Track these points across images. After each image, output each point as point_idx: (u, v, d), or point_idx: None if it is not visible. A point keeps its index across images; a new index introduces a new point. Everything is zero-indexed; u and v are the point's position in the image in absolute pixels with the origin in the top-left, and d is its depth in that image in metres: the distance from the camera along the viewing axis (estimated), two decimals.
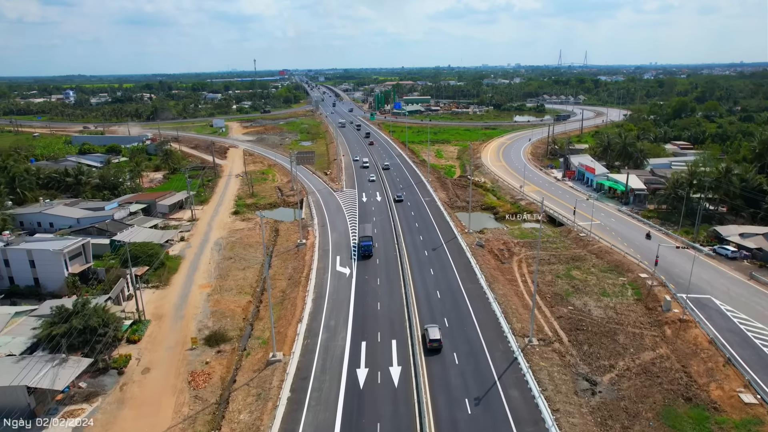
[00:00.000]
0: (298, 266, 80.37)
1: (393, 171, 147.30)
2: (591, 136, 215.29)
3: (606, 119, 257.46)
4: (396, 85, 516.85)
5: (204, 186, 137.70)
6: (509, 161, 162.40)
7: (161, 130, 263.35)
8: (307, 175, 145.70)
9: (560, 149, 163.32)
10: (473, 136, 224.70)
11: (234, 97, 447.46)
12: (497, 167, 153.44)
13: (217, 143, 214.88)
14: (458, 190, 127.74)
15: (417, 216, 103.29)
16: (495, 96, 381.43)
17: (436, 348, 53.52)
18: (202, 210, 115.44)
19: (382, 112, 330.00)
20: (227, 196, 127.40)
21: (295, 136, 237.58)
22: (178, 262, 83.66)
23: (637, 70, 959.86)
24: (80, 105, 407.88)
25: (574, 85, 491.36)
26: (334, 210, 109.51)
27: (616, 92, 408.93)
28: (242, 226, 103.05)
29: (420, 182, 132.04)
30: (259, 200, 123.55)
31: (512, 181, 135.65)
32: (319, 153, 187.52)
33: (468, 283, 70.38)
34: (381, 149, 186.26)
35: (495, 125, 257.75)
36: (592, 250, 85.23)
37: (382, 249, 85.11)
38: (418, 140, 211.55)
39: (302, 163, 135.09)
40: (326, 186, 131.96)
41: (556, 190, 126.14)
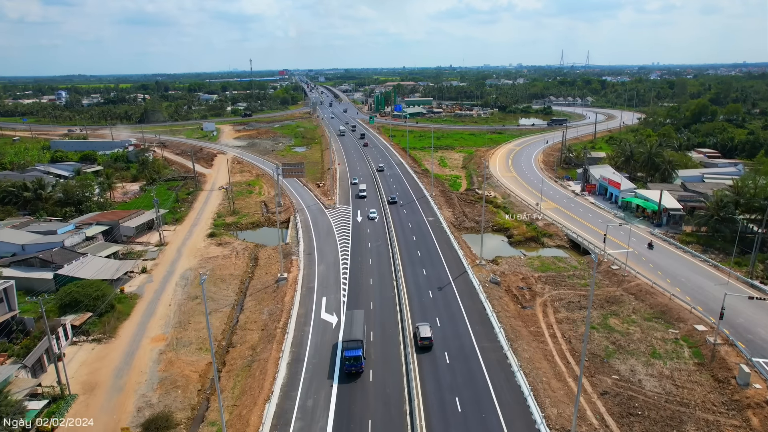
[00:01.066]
0: (275, 311, 66.22)
1: (393, 183, 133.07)
2: (605, 142, 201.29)
3: (620, 123, 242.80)
4: (397, 86, 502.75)
5: (181, 201, 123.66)
6: (521, 171, 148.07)
7: (150, 134, 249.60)
8: (296, 187, 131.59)
9: (577, 158, 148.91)
10: (479, 141, 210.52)
11: (230, 99, 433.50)
12: (508, 179, 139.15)
13: (204, 149, 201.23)
14: (465, 207, 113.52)
15: (420, 241, 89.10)
16: (500, 97, 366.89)
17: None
18: (175, 231, 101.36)
19: (382, 115, 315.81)
20: (206, 214, 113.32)
21: (289, 141, 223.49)
22: (133, 304, 69.57)
23: (641, 71, 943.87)
24: (71, 106, 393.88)
25: (580, 86, 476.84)
26: (324, 233, 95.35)
27: (624, 94, 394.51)
28: (217, 253, 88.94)
29: (422, 197, 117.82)
30: (241, 218, 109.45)
31: (526, 195, 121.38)
32: (313, 160, 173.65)
33: (484, 340, 56.17)
34: (380, 156, 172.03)
35: (501, 129, 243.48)
36: (629, 288, 71.02)
37: (378, 288, 70.96)
38: (419, 146, 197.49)
39: (289, 176, 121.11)
40: (317, 201, 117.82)
41: (576, 207, 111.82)
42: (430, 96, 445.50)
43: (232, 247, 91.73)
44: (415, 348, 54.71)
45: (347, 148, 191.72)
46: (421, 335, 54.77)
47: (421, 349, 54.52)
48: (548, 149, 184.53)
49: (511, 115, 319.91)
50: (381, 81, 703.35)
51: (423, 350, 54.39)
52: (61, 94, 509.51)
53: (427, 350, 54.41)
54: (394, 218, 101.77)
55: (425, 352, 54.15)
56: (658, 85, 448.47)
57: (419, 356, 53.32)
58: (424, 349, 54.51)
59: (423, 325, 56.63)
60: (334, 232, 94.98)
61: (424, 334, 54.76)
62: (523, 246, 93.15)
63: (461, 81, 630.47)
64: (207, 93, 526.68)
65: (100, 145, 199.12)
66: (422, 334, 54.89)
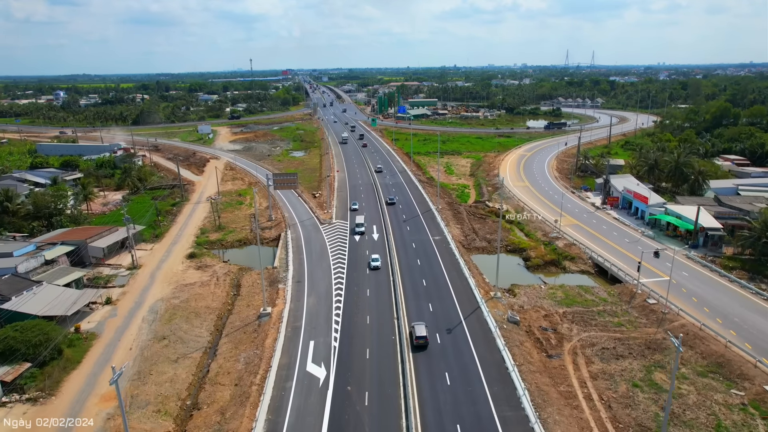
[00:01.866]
0: (253, 359, 55.60)
1: (395, 193, 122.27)
2: (621, 147, 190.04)
3: (636, 126, 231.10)
4: (401, 86, 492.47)
5: (165, 214, 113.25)
6: (533, 180, 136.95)
7: (143, 137, 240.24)
8: (290, 198, 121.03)
9: (596, 166, 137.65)
10: (486, 145, 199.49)
11: (230, 99, 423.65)
12: (520, 189, 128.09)
13: (197, 154, 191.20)
14: (475, 223, 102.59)
15: (425, 266, 78.31)
16: (507, 99, 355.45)
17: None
18: (152, 251, 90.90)
19: (385, 116, 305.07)
20: (189, 229, 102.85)
21: (287, 145, 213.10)
22: (87, 347, 59.13)
23: (648, 71, 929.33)
24: (67, 107, 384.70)
25: (588, 86, 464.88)
26: (317, 254, 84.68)
27: (635, 95, 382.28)
28: (195, 279, 78.39)
29: (428, 211, 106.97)
30: (227, 235, 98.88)
31: (541, 209, 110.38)
32: (311, 166, 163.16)
33: (505, 407, 45.36)
34: (382, 163, 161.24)
35: (510, 132, 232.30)
36: (672, 330, 60.01)
37: (376, 329, 60.28)
38: (424, 151, 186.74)
39: (282, 187, 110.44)
40: (312, 215, 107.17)
41: (599, 223, 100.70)
42: (434, 97, 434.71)
43: (213, 271, 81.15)
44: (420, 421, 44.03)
45: (348, 153, 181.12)
46: (417, 334, 56.00)
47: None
48: (562, 155, 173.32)
49: (519, 117, 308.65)
50: (385, 81, 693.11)
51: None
52: (59, 94, 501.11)
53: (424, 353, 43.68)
54: (396, 236, 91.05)
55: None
56: (669, 85, 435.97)
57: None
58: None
59: (418, 325, 57.51)
60: (329, 254, 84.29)
61: (419, 333, 56.03)
62: (542, 271, 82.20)
63: (466, 81, 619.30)
64: (207, 93, 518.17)
65: (88, 149, 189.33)
66: (417, 333, 56.07)
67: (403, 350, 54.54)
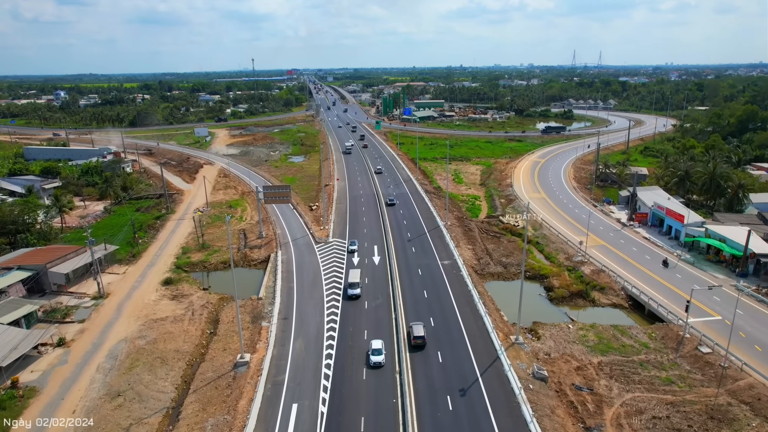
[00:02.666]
0: (222, 428, 45.04)
1: (399, 206, 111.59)
2: (640, 153, 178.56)
3: (654, 129, 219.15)
4: (406, 86, 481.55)
5: (147, 228, 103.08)
6: (551, 192, 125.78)
7: (140, 140, 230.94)
8: (284, 211, 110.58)
9: (620, 177, 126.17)
10: (497, 150, 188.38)
11: (231, 100, 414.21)
12: (537, 201, 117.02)
13: (191, 158, 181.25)
14: (489, 242, 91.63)
15: (433, 300, 67.61)
16: (517, 100, 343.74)
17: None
18: (124, 275, 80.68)
19: (390, 118, 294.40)
20: (170, 247, 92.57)
21: (286, 149, 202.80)
22: (19, 410, 48.79)
23: (658, 71, 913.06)
24: (66, 107, 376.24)
25: (599, 87, 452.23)
26: (309, 283, 74.15)
27: (648, 96, 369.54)
28: (167, 312, 68.04)
29: (435, 228, 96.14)
30: (211, 255, 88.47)
31: (562, 225, 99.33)
32: (310, 173, 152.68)
33: None
34: (386, 171, 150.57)
35: (521, 136, 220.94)
36: (737, 392, 49.04)
37: (373, 388, 49.62)
38: (431, 156, 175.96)
39: (272, 201, 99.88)
40: (307, 232, 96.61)
41: (627, 244, 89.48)
42: (441, 97, 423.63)
43: (189, 302, 70.74)
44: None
45: (349, 159, 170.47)
46: (415, 334, 55.99)
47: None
48: (579, 162, 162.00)
49: (529, 120, 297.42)
50: (390, 81, 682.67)
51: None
52: (59, 93, 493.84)
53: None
54: (400, 260, 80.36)
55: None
56: (683, 86, 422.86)
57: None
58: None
59: (417, 325, 57.76)
60: (322, 282, 73.73)
61: (417, 333, 56.10)
62: (567, 303, 71.26)
63: (473, 81, 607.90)
64: (210, 93, 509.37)
65: (77, 153, 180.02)
66: (416, 333, 56.12)
67: (406, 419, 43.88)
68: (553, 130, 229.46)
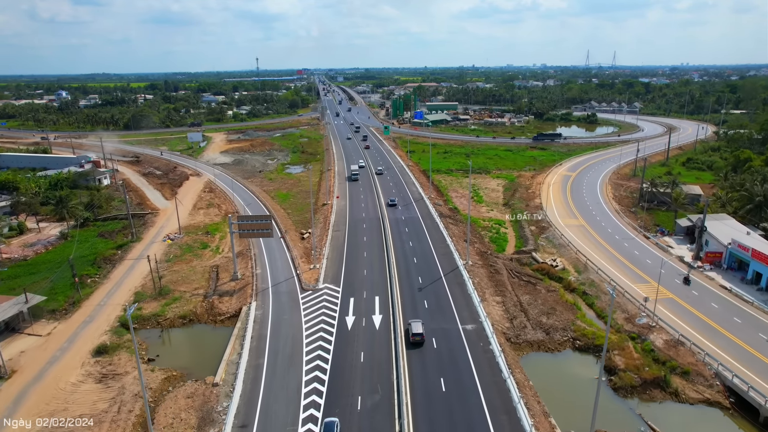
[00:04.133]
0: None
1: (409, 233, 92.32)
2: (682, 165, 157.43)
3: (693, 137, 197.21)
4: (418, 87, 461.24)
5: (102, 263, 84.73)
6: (588, 215, 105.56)
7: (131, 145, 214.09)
8: (269, 240, 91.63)
9: (676, 201, 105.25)
10: (519, 160, 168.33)
11: (235, 101, 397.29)
12: (574, 229, 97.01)
13: (179, 168, 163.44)
14: (522, 291, 71.83)
15: (454, 398, 48.17)
16: (536, 103, 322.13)
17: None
18: (48, 337, 62.19)
19: (400, 122, 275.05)
20: (121, 293, 74.06)
21: (285, 157, 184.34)
22: None
23: (676, 71, 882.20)
24: (65, 108, 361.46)
25: (620, 89, 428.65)
26: (285, 359, 54.99)
27: (675, 99, 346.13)
28: (85, 407, 49.27)
29: (454, 270, 76.56)
30: (169, 305, 69.78)
31: (611, 265, 79.24)
32: (308, 188, 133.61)
33: None
34: (394, 185, 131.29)
35: (544, 144, 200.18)
36: None
37: None
38: (445, 167, 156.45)
39: (249, 236, 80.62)
40: (293, 273, 77.55)
41: (704, 298, 69.13)
42: (454, 99, 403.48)
43: (121, 386, 52.01)
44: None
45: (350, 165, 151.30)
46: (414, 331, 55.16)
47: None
48: (614, 176, 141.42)
49: (549, 124, 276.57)
50: (401, 81, 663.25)
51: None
52: (60, 94, 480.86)
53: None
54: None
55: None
56: (712, 87, 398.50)
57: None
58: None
59: (415, 322, 57.15)
60: (303, 359, 54.57)
61: (416, 330, 55.33)
62: (638, 395, 51.48)
63: (486, 82, 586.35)
64: (215, 94, 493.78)
65: (53, 162, 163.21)
66: (414, 330, 55.43)
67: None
68: (546, 137, 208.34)
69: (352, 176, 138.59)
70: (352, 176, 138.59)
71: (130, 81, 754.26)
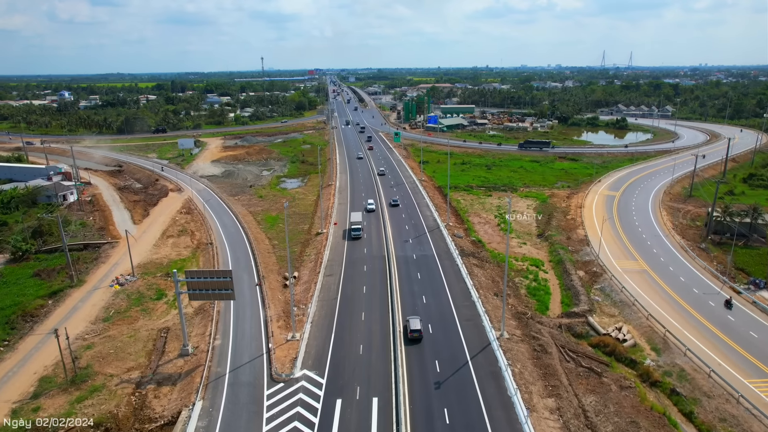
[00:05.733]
0: None
1: (422, 282, 71.33)
2: (742, 182, 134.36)
3: (755, 146, 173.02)
4: (431, 88, 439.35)
5: (14, 324, 64.79)
6: (649, 255, 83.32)
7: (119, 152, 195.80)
8: (241, 287, 71.03)
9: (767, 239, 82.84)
10: (548, 174, 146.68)
11: (239, 102, 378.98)
12: (633, 274, 75.08)
13: (160, 181, 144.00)
14: (582, 386, 50.22)
15: None
16: (559, 106, 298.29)
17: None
18: None
19: (413, 126, 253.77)
20: (19, 379, 53.85)
21: (282, 167, 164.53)
22: None
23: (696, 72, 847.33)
24: (64, 109, 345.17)
25: (646, 91, 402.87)
26: None
27: (709, 101, 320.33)
28: None
29: (485, 348, 55.23)
30: (80, 403, 49.45)
31: (697, 337, 57.40)
32: (303, 208, 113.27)
33: None
34: (403, 204, 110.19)
35: (576, 153, 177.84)
36: None
37: None
38: (464, 182, 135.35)
39: (202, 299, 59.73)
40: (263, 347, 56.82)
41: None
42: (469, 101, 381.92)
43: None
44: None
45: (357, 189, 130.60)
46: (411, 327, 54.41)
47: None
48: (667, 197, 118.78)
49: (574, 129, 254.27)
50: (414, 82, 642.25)
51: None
52: (63, 94, 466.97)
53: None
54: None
55: None
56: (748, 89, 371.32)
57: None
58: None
59: (413, 318, 56.40)
60: None
61: (414, 327, 54.60)
62: None
63: (502, 83, 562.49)
64: (221, 94, 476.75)
65: (21, 173, 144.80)
66: (412, 326, 54.73)
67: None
68: (534, 145, 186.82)
69: (353, 232, 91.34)
70: (353, 232, 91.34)
71: (142, 81, 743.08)
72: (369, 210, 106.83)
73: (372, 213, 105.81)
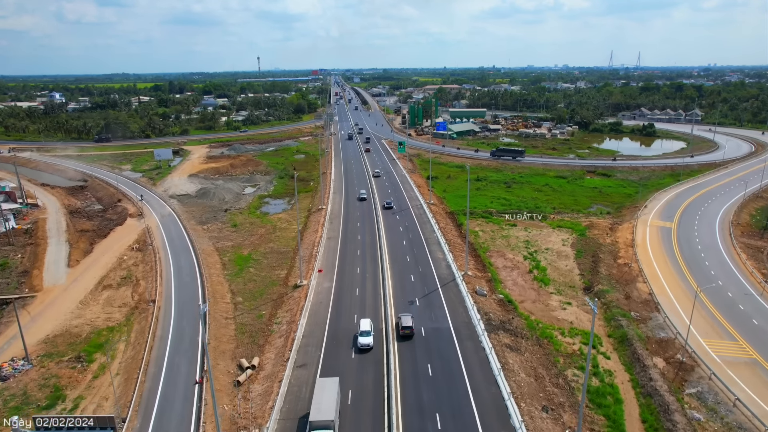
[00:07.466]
0: None
1: (436, 395, 48.90)
2: None
3: None
4: (438, 90, 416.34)
5: None
6: (746, 326, 60.21)
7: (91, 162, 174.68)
8: (177, 390, 48.55)
9: None
10: (578, 194, 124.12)
11: (235, 105, 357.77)
12: (739, 368, 52.26)
13: (121, 203, 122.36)
14: None
15: None
16: (578, 110, 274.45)
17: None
18: None
19: (418, 133, 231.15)
20: None
21: (268, 184, 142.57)
22: None
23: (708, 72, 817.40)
24: (50, 112, 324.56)
25: (667, 92, 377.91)
26: None
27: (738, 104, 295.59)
28: None
29: None
30: None
31: None
32: (285, 242, 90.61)
33: None
34: (408, 240, 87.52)
35: (608, 165, 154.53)
36: None
37: None
38: (480, 206, 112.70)
39: None
40: None
41: None
42: (479, 103, 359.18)
43: None
44: None
45: (353, 216, 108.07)
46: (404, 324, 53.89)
47: None
48: (737, 230, 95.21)
49: (596, 135, 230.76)
50: (420, 83, 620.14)
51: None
52: (54, 95, 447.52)
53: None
54: None
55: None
56: None
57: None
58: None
59: (405, 316, 55.71)
60: None
61: (405, 323, 54.11)
62: None
63: (512, 84, 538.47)
64: (219, 96, 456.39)
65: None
66: (404, 323, 54.20)
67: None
68: (507, 153, 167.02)
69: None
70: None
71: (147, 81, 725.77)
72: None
73: (367, 251, 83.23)
